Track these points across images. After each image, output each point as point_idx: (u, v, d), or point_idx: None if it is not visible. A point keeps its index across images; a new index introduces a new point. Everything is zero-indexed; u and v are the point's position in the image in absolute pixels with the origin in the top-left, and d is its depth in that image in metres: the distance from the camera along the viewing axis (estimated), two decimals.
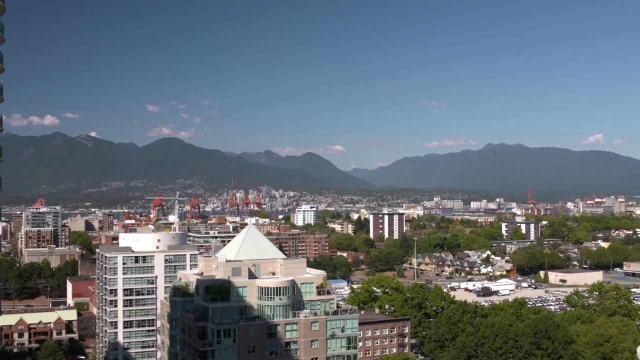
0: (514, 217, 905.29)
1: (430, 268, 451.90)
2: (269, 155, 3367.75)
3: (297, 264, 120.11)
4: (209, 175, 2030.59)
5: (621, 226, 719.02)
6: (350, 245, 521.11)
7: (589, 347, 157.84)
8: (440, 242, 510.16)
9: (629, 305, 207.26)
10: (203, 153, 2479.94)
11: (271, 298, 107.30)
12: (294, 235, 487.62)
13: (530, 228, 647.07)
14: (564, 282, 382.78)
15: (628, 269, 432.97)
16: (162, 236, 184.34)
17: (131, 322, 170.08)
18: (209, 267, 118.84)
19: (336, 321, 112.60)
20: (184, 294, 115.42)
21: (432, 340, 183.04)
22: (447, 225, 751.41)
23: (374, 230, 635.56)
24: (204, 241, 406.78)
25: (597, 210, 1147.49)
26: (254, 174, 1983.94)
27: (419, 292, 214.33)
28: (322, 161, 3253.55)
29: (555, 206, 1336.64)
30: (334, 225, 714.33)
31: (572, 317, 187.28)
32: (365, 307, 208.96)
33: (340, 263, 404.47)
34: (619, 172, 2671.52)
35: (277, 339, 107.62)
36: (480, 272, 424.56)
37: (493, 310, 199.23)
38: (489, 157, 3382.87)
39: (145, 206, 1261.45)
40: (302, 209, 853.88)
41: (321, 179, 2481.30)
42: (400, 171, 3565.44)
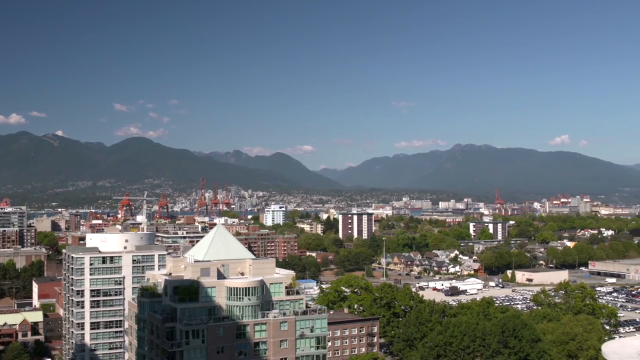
0: (482, 217, 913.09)
1: (398, 268, 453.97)
2: (238, 155, 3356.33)
3: (266, 264, 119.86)
4: (178, 175, 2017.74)
5: (586, 226, 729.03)
6: (320, 245, 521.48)
7: (555, 345, 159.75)
8: (408, 242, 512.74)
9: (594, 304, 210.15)
10: (171, 153, 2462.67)
11: (240, 298, 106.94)
12: (263, 236, 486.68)
13: (498, 228, 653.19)
14: (531, 281, 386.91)
15: (593, 268, 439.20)
16: (130, 236, 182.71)
17: (98, 324, 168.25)
18: (178, 268, 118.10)
19: (305, 321, 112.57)
20: (152, 295, 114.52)
21: (401, 340, 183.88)
22: (416, 225, 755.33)
23: (343, 230, 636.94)
24: (173, 241, 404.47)
25: (563, 210, 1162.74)
26: (222, 173, 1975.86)
27: (387, 292, 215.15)
28: (291, 161, 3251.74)
29: (522, 206, 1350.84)
30: (303, 225, 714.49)
31: (539, 316, 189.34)
32: (334, 307, 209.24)
33: (309, 263, 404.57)
34: (584, 172, 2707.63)
35: (246, 339, 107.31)
36: (448, 272, 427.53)
37: (461, 309, 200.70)
38: (457, 157, 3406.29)
39: (112, 206, 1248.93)
40: (271, 209, 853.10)
41: (290, 179, 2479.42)
42: (369, 171, 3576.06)
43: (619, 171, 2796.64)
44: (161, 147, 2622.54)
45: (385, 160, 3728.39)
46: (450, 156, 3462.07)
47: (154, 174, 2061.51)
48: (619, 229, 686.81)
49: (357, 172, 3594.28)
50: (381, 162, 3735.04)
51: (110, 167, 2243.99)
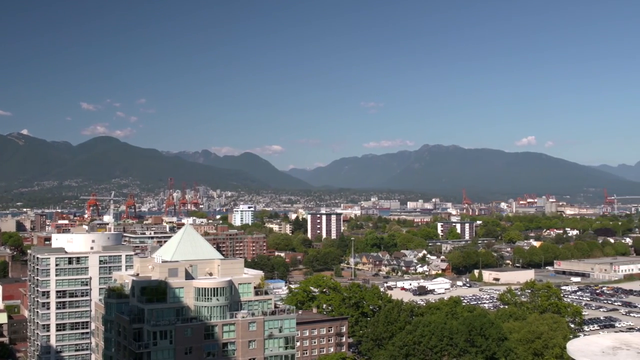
0: (450, 217, 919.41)
1: (367, 267, 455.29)
2: (206, 154, 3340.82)
3: (234, 264, 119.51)
4: (145, 174, 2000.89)
5: (552, 226, 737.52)
6: (288, 245, 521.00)
7: (521, 343, 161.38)
8: (377, 242, 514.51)
9: (559, 303, 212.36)
10: (139, 152, 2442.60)
11: (208, 299, 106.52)
12: (232, 236, 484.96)
13: (465, 228, 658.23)
14: (498, 280, 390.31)
15: (559, 267, 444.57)
16: (97, 237, 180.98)
17: (64, 325, 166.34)
18: (145, 268, 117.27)
19: (274, 321, 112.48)
20: (119, 296, 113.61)
21: (370, 339, 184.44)
22: (384, 225, 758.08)
23: (312, 230, 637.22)
24: (140, 242, 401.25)
25: (529, 210, 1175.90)
26: (191, 173, 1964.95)
27: (356, 292, 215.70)
28: (260, 161, 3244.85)
29: (489, 206, 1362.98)
30: (272, 225, 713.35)
31: (505, 315, 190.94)
32: (303, 307, 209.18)
33: (278, 263, 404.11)
34: (550, 173, 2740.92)
35: (215, 339, 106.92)
36: (416, 272, 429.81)
37: (429, 309, 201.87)
38: (425, 157, 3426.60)
39: (79, 206, 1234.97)
40: (240, 209, 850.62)
41: (259, 179, 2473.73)
42: (338, 171, 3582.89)
43: (584, 172, 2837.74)
44: (129, 147, 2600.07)
45: (354, 161, 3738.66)
46: (419, 156, 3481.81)
47: (122, 174, 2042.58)
48: (583, 229, 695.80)
49: (326, 172, 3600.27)
50: (350, 162, 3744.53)
51: (77, 166, 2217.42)
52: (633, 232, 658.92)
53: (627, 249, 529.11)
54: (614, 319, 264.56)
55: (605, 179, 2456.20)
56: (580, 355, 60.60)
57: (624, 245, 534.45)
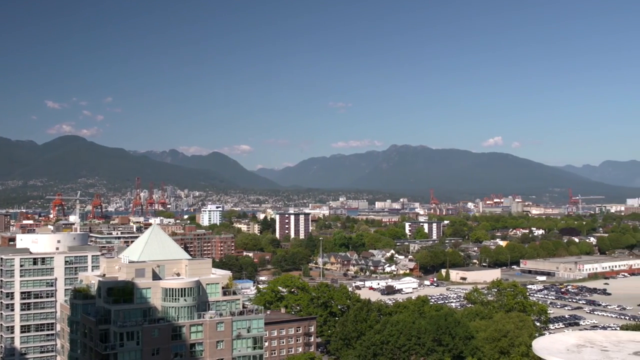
0: (417, 216, 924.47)
1: (335, 267, 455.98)
2: (174, 154, 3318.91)
3: (202, 265, 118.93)
4: (112, 174, 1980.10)
5: (518, 225, 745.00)
6: (257, 245, 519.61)
7: (488, 342, 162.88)
8: (345, 242, 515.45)
9: (525, 302, 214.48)
10: (106, 151, 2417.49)
11: (176, 299, 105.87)
12: (200, 236, 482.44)
13: (433, 227, 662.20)
14: (465, 279, 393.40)
15: (524, 266, 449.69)
16: (62, 237, 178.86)
17: (29, 327, 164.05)
18: (112, 269, 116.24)
19: (242, 321, 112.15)
20: (85, 297, 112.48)
21: (339, 339, 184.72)
22: (352, 225, 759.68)
23: (280, 230, 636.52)
24: (107, 242, 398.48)
25: (495, 210, 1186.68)
26: (158, 173, 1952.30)
27: (324, 291, 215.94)
28: (228, 161, 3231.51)
29: (457, 206, 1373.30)
30: (240, 225, 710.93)
31: (472, 314, 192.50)
32: (271, 307, 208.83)
33: (246, 263, 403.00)
34: (516, 173, 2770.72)
35: (182, 340, 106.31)
36: (384, 271, 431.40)
37: (397, 308, 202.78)
38: (393, 158, 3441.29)
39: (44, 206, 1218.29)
40: (207, 209, 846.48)
41: (227, 179, 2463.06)
42: (307, 171, 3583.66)
43: (550, 172, 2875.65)
44: (95, 146, 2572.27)
45: (323, 161, 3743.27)
46: (387, 157, 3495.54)
47: (88, 173, 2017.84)
48: (549, 229, 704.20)
49: (295, 172, 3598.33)
50: (318, 162, 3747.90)
51: (42, 166, 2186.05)
52: (597, 231, 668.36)
53: (591, 249, 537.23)
54: (578, 317, 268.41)
55: (570, 180, 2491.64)
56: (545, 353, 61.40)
57: (588, 245, 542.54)
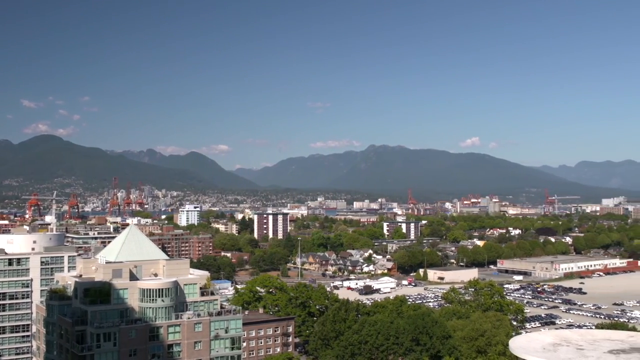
0: (395, 216, 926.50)
1: (314, 267, 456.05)
2: (151, 154, 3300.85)
3: (180, 265, 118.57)
4: (89, 174, 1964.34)
5: (495, 225, 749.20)
6: (235, 245, 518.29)
7: (465, 341, 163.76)
8: (323, 242, 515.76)
9: (502, 301, 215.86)
10: (82, 151, 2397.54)
11: (153, 300, 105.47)
12: (177, 236, 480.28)
13: (411, 227, 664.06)
14: (442, 279, 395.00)
15: (501, 265, 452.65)
16: (38, 237, 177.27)
17: (4, 328, 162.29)
18: (88, 269, 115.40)
19: (220, 322, 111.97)
20: (62, 297, 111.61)
21: (318, 338, 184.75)
22: (331, 225, 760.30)
23: (259, 230, 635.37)
24: (83, 242, 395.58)
25: (473, 210, 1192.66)
26: (136, 173, 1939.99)
27: (302, 292, 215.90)
28: (206, 160, 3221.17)
29: (434, 206, 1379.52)
30: (218, 225, 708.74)
31: (449, 313, 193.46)
32: (249, 307, 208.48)
33: (224, 263, 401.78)
34: (493, 173, 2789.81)
35: (160, 341, 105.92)
36: (362, 271, 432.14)
37: (375, 308, 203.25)
38: (371, 158, 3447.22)
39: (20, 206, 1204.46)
40: (185, 209, 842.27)
41: (205, 179, 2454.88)
42: (285, 171, 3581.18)
43: (526, 172, 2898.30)
44: (71, 145, 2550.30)
45: (301, 161, 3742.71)
46: (365, 157, 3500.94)
47: (64, 173, 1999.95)
48: (525, 228, 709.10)
49: (273, 172, 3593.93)
50: (297, 162, 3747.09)
51: (18, 165, 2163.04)
52: (573, 231, 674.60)
53: (567, 248, 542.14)
54: (554, 316, 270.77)
55: (547, 180, 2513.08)
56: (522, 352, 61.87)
57: (564, 245, 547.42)
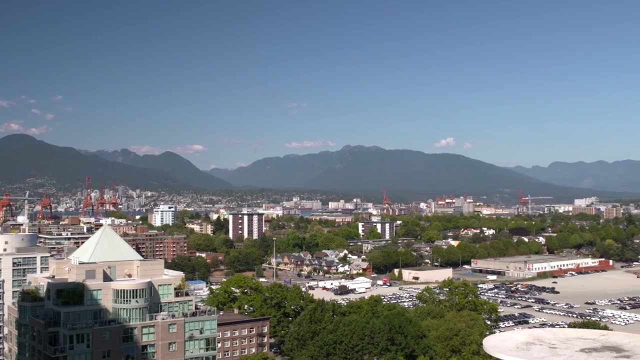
0: (370, 217, 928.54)
1: (289, 268, 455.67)
2: (125, 154, 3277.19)
3: (154, 266, 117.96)
4: (62, 174, 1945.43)
5: (469, 225, 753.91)
6: (209, 245, 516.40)
7: (440, 340, 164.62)
8: (299, 242, 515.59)
9: (476, 300, 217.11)
10: (55, 151, 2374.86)
11: (127, 301, 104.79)
12: (152, 236, 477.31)
13: (386, 227, 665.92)
14: (417, 279, 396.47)
15: (475, 265, 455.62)
16: (10, 238, 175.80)
17: None
18: (61, 270, 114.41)
19: (194, 323, 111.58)
20: (34, 299, 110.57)
21: (294, 338, 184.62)
22: (306, 225, 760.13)
23: (234, 230, 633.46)
24: (56, 243, 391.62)
25: (447, 210, 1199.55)
26: (110, 173, 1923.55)
27: (277, 292, 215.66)
28: (181, 160, 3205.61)
29: (409, 206, 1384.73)
30: (193, 225, 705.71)
31: (424, 313, 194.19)
32: (224, 307, 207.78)
33: (199, 264, 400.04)
34: (467, 174, 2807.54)
35: (134, 342, 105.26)
36: (337, 271, 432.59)
37: (351, 308, 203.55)
38: (346, 158, 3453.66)
39: None
40: (160, 209, 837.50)
41: (180, 179, 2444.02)
42: (260, 171, 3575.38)
43: (500, 173, 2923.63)
44: (44, 145, 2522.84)
45: (276, 161, 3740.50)
46: (340, 157, 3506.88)
47: (37, 173, 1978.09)
48: (499, 228, 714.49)
49: (248, 172, 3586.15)
50: (272, 162, 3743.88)
51: None
52: (546, 231, 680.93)
53: (540, 248, 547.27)
54: (527, 315, 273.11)
55: (520, 180, 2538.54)
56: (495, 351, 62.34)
57: (538, 244, 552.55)
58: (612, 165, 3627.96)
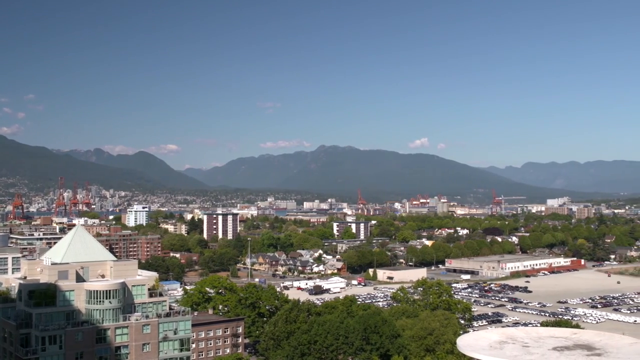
0: (345, 217, 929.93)
1: (264, 268, 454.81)
2: (99, 153, 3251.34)
3: (128, 266, 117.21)
4: (34, 173, 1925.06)
5: (443, 225, 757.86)
6: (184, 246, 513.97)
7: (414, 340, 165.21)
8: (273, 242, 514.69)
9: (450, 300, 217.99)
10: (27, 150, 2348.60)
11: (100, 302, 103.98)
12: (125, 236, 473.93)
13: (360, 227, 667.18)
14: (392, 279, 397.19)
15: (450, 265, 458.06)
16: None
17: None
18: (33, 271, 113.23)
19: (168, 323, 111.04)
20: (5, 300, 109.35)
21: (269, 338, 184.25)
22: (281, 225, 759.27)
23: (208, 230, 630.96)
24: (28, 243, 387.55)
25: (422, 210, 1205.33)
26: (83, 172, 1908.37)
27: (252, 292, 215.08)
28: (155, 160, 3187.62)
29: (384, 206, 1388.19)
30: (167, 225, 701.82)
31: (398, 312, 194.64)
32: (199, 308, 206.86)
33: (173, 264, 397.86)
34: (441, 174, 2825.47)
35: (107, 343, 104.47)
36: (312, 271, 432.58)
37: (326, 308, 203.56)
38: (321, 158, 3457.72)
39: None
40: (134, 209, 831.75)
41: (154, 179, 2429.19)
42: (235, 171, 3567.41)
43: (474, 173, 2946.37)
44: (16, 144, 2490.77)
45: (251, 161, 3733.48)
46: (315, 157, 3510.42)
47: (8, 172, 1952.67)
48: (473, 228, 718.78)
49: (223, 172, 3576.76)
50: (247, 162, 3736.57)
51: None
52: (519, 231, 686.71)
53: (514, 248, 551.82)
54: (501, 315, 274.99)
55: (494, 180, 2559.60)
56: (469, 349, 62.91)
57: (511, 244, 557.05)
58: (584, 165, 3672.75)
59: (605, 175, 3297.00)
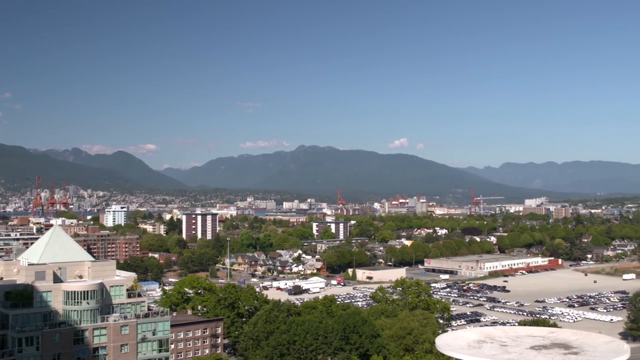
0: (325, 217, 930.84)
1: (243, 268, 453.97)
2: (77, 153, 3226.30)
3: (106, 267, 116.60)
4: (11, 173, 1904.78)
5: (423, 225, 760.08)
6: (163, 246, 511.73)
7: (393, 339, 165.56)
8: (253, 242, 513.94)
9: (429, 299, 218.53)
10: (4, 149, 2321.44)
11: (78, 302, 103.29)
12: (103, 237, 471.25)
13: (340, 227, 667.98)
14: (371, 279, 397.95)
15: (429, 265, 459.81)
16: None
17: None
18: (10, 271, 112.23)
19: (147, 324, 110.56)
20: None
21: (249, 339, 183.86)
22: (260, 225, 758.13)
23: (187, 230, 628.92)
24: (5, 244, 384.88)
25: (401, 210, 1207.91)
26: (60, 172, 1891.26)
27: (231, 292, 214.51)
28: (133, 160, 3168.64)
29: (363, 206, 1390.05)
30: (146, 226, 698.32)
31: (377, 312, 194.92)
32: (178, 308, 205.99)
33: (152, 264, 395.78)
34: (420, 174, 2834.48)
35: (85, 344, 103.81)
36: (292, 271, 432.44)
37: (305, 308, 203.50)
38: (301, 158, 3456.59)
39: None
40: (112, 210, 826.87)
41: (133, 179, 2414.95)
42: (214, 171, 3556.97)
43: (452, 173, 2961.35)
44: None
45: (230, 161, 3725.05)
46: (295, 157, 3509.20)
47: None
48: (452, 228, 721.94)
49: (202, 172, 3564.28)
50: (226, 162, 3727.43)
51: None
52: (497, 231, 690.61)
53: (492, 247, 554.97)
54: (479, 314, 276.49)
55: (472, 181, 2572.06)
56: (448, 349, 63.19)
57: (489, 244, 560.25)
58: (561, 166, 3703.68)
59: (583, 175, 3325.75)
